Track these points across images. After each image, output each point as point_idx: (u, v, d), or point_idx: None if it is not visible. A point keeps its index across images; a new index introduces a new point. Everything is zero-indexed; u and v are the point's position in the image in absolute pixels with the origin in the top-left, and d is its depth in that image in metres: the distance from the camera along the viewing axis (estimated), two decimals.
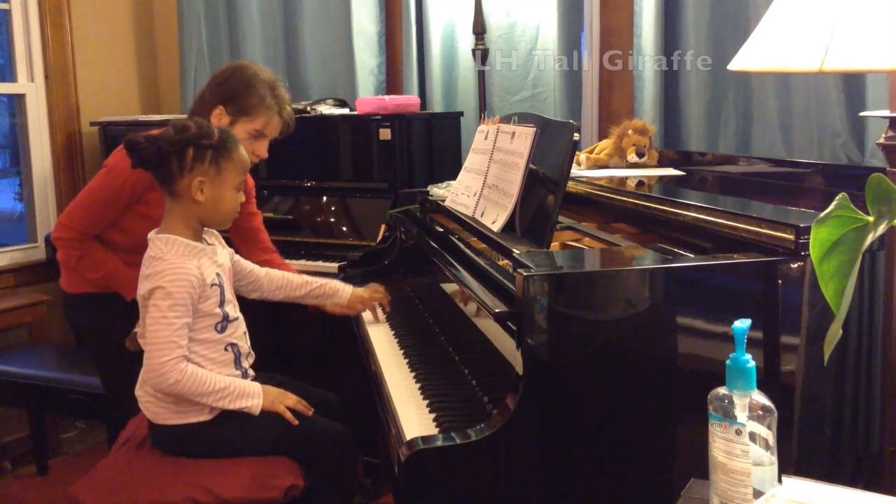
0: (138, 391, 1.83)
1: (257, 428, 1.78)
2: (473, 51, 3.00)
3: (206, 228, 1.84)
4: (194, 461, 1.78)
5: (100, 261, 2.15)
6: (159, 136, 1.74)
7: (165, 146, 1.72)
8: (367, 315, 2.26)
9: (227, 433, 1.78)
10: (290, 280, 2.13)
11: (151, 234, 1.79)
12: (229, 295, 1.83)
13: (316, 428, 1.83)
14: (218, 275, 1.79)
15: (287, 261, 2.76)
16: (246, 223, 2.36)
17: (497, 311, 1.42)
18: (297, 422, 1.80)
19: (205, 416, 1.77)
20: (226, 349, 1.80)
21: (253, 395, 1.78)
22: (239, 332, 1.85)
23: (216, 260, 1.82)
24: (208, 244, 1.84)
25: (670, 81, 2.80)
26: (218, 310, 1.78)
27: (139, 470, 1.80)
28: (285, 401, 1.81)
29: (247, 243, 2.39)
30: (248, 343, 1.89)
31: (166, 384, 1.69)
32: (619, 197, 2.04)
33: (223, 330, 1.79)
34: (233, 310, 1.83)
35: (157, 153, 1.72)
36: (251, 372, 1.88)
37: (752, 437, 0.99)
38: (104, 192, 2.12)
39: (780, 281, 1.40)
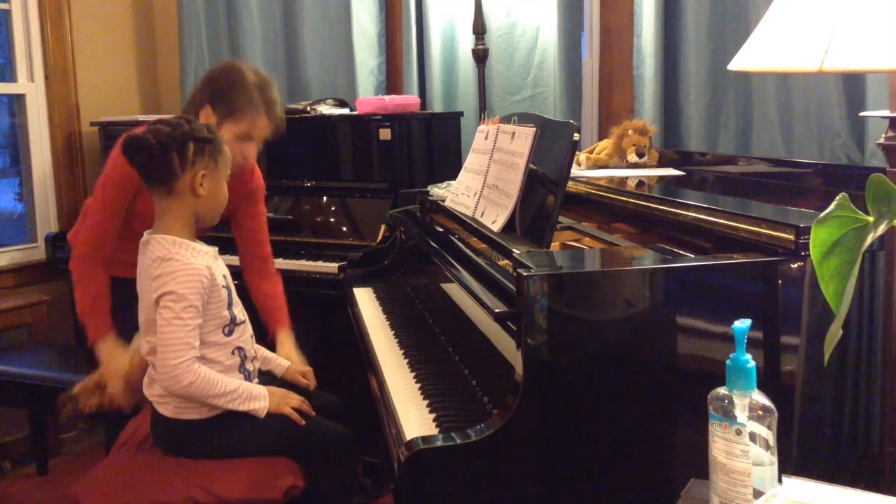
0: (146, 391, 1.84)
1: (258, 428, 1.79)
2: (473, 51, 3.00)
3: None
4: (194, 461, 1.79)
5: (88, 295, 2.05)
6: (158, 132, 1.71)
7: (167, 140, 1.70)
8: (367, 315, 2.26)
9: (228, 433, 1.78)
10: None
11: (147, 237, 1.77)
12: (235, 298, 1.83)
13: (317, 429, 1.84)
14: (225, 276, 1.80)
15: (288, 260, 2.78)
16: (249, 222, 2.31)
17: (497, 311, 1.42)
18: (303, 422, 1.80)
19: (204, 414, 1.77)
20: (233, 353, 1.80)
21: (260, 398, 1.78)
22: (245, 336, 1.85)
23: (219, 264, 1.81)
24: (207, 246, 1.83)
25: (670, 81, 2.80)
26: (226, 312, 1.77)
27: (139, 470, 1.80)
28: (290, 402, 1.82)
29: (245, 243, 2.35)
30: (255, 347, 1.89)
31: (180, 386, 1.68)
32: (619, 197, 2.04)
33: (230, 333, 1.79)
34: (240, 313, 1.84)
35: (161, 148, 1.69)
36: (256, 376, 1.89)
37: (752, 437, 0.99)
38: (110, 195, 2.08)
39: (780, 281, 1.40)
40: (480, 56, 2.99)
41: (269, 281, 2.32)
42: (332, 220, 3.01)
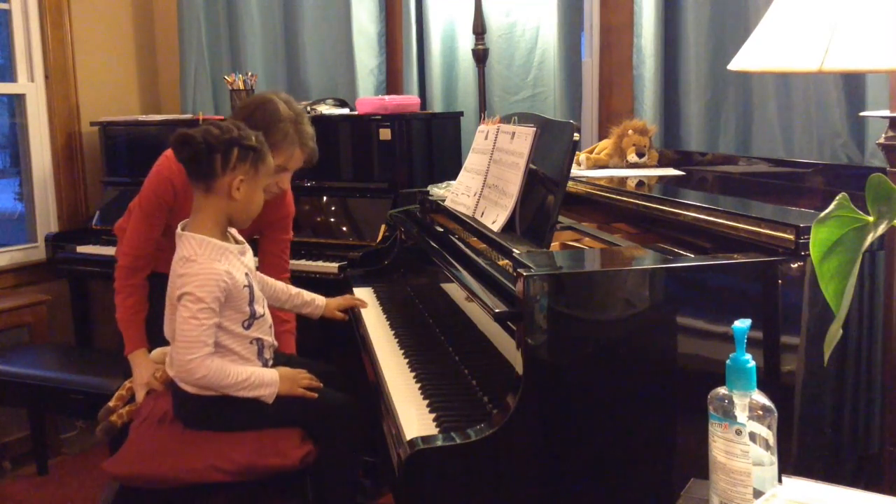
0: (169, 371, 1.94)
1: (272, 403, 1.88)
2: (473, 51, 3.00)
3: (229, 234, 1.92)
4: (214, 433, 1.89)
5: (127, 307, 2.20)
6: (207, 133, 1.81)
7: (214, 143, 1.80)
8: (367, 315, 2.27)
9: (246, 407, 1.87)
10: (277, 288, 2.22)
11: (180, 231, 1.87)
12: (258, 293, 1.92)
13: (326, 399, 1.94)
14: (247, 275, 1.88)
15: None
16: (273, 247, 2.43)
17: (497, 311, 1.42)
18: (315, 396, 1.91)
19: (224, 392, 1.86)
20: (251, 343, 1.90)
21: (269, 385, 1.87)
22: (265, 327, 1.94)
23: (244, 260, 1.90)
24: (237, 242, 1.91)
25: (670, 81, 2.80)
26: (247, 308, 1.87)
27: (163, 441, 1.92)
28: (301, 382, 1.92)
29: (266, 267, 2.42)
30: (272, 334, 1.99)
31: (193, 378, 1.81)
32: (619, 197, 2.04)
33: (249, 327, 1.88)
34: (260, 307, 1.92)
35: (207, 148, 1.80)
36: (271, 362, 1.98)
37: (752, 437, 0.99)
38: (147, 211, 2.20)
39: (780, 281, 1.40)
40: (480, 56, 2.99)
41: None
42: (332, 219, 3.01)
